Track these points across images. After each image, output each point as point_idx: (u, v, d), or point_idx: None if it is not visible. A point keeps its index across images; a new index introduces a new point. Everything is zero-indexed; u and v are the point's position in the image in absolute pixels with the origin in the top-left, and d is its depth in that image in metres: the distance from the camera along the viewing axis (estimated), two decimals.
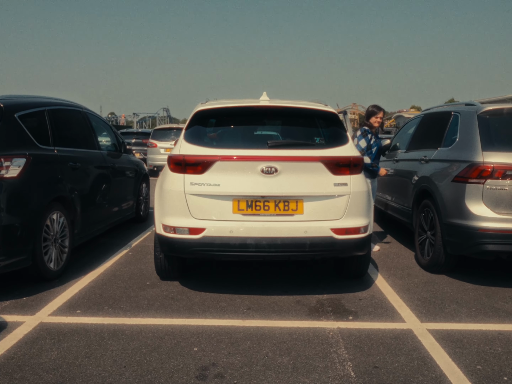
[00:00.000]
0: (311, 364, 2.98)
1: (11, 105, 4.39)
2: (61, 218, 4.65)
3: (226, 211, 3.85)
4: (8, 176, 3.96)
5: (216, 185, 3.84)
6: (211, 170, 3.87)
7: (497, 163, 4.28)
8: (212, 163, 3.87)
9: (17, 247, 4.01)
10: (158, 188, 4.20)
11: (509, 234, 4.23)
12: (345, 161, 3.97)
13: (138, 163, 7.55)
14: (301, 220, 3.86)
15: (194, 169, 3.90)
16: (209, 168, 3.87)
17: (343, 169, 3.96)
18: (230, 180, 3.85)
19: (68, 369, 2.88)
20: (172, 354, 3.09)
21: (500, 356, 3.13)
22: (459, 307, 4.00)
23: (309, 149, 4.06)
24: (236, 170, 3.87)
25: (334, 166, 3.93)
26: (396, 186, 6.38)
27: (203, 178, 3.87)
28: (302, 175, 3.88)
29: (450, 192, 4.59)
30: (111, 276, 4.71)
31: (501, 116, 4.70)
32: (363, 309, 3.92)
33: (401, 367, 2.95)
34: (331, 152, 3.98)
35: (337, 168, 3.94)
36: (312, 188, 3.88)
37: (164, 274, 4.52)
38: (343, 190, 3.93)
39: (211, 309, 3.88)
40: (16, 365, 2.91)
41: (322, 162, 3.92)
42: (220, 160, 3.87)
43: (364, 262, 4.46)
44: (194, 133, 4.19)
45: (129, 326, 3.52)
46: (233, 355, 3.08)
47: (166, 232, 3.97)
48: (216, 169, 3.87)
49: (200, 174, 3.88)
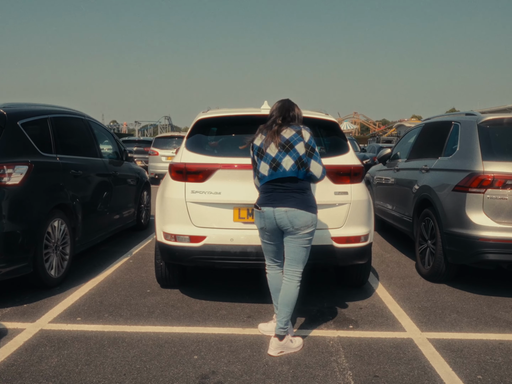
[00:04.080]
0: (311, 373, 2.97)
1: (14, 113, 4.42)
2: (62, 225, 4.66)
3: (226, 219, 3.87)
4: (10, 183, 3.98)
5: (217, 193, 3.86)
6: (212, 178, 3.89)
7: (497, 172, 4.30)
8: (213, 171, 3.89)
9: (18, 254, 4.02)
10: (159, 196, 4.22)
11: (510, 243, 4.23)
12: (345, 170, 3.98)
13: (140, 171, 7.57)
14: None
15: (195, 177, 3.92)
16: (210, 176, 3.89)
17: (344, 178, 3.97)
18: (231, 188, 3.86)
19: (68, 377, 2.87)
20: (172, 362, 3.09)
21: (501, 366, 3.12)
22: (459, 317, 3.99)
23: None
24: (237, 178, 3.88)
25: (335, 175, 3.93)
26: (397, 195, 6.39)
27: (204, 186, 3.89)
28: None
29: (451, 201, 4.60)
30: (112, 284, 4.71)
31: (501, 125, 4.73)
32: (363, 318, 3.92)
33: (401, 377, 2.94)
34: (332, 161, 3.99)
35: (337, 177, 3.94)
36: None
37: (164, 282, 4.52)
38: (343, 199, 3.93)
39: (211, 317, 3.88)
40: (16, 372, 2.91)
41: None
42: (221, 168, 3.89)
43: (364, 271, 4.47)
44: (195, 142, 4.21)
45: (129, 333, 3.52)
46: (233, 363, 3.08)
47: (166, 240, 3.98)
48: (217, 178, 3.89)
49: (201, 182, 3.90)
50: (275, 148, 3.13)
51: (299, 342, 3.32)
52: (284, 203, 3.10)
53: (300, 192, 3.12)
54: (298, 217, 3.08)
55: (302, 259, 3.22)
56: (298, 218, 3.09)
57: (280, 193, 3.13)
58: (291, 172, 3.09)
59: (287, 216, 3.09)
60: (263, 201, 3.19)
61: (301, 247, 3.18)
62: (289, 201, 3.10)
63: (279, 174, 3.11)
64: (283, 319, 3.20)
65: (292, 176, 3.10)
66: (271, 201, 3.15)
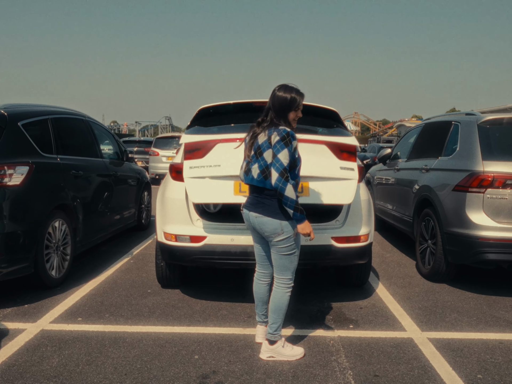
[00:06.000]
0: (312, 373, 2.98)
1: (15, 113, 4.43)
2: (63, 226, 4.67)
3: (227, 192, 3.71)
4: (11, 184, 3.99)
5: (217, 166, 3.71)
6: (212, 152, 3.77)
7: (497, 172, 4.30)
8: (212, 146, 3.78)
9: (19, 255, 4.03)
10: (160, 196, 4.23)
11: (510, 243, 4.24)
12: (350, 148, 3.86)
13: (140, 171, 7.58)
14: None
15: (194, 154, 3.78)
16: (209, 151, 3.77)
17: (349, 156, 3.84)
18: (232, 161, 3.64)
19: (69, 377, 2.88)
20: (173, 362, 3.09)
21: (501, 365, 3.13)
22: (459, 316, 4.00)
23: (313, 135, 4.01)
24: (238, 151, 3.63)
25: (340, 152, 3.82)
26: (397, 195, 6.40)
27: (203, 161, 3.74)
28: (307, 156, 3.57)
29: (451, 201, 4.61)
30: (113, 284, 4.72)
31: (501, 125, 4.73)
32: (363, 318, 3.92)
33: (402, 376, 2.95)
34: (335, 139, 3.91)
35: (342, 154, 3.83)
36: (318, 169, 3.73)
37: (165, 282, 4.53)
38: (350, 175, 3.77)
39: (212, 317, 3.89)
40: (17, 372, 2.92)
41: (327, 145, 3.82)
42: (221, 142, 3.78)
43: (365, 270, 4.47)
44: (195, 128, 4.25)
45: (130, 333, 3.53)
46: (234, 363, 3.08)
47: (167, 240, 3.98)
48: (216, 152, 3.76)
49: (201, 158, 3.76)
50: (248, 152, 3.03)
51: (297, 351, 3.18)
52: (255, 209, 3.00)
53: (270, 198, 2.94)
54: (265, 224, 2.94)
55: (286, 266, 3.03)
56: (265, 225, 2.95)
57: (254, 197, 3.04)
58: (257, 182, 2.94)
59: (257, 223, 2.99)
60: (245, 203, 3.14)
61: (280, 255, 3.00)
62: (259, 207, 2.98)
63: (248, 179, 3.02)
64: (272, 325, 3.11)
65: (258, 185, 2.95)
66: (248, 204, 3.08)
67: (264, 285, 3.27)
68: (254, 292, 3.32)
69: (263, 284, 3.27)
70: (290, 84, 3.03)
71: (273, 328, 3.12)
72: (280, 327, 3.14)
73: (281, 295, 3.09)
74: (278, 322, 3.12)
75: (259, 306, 3.31)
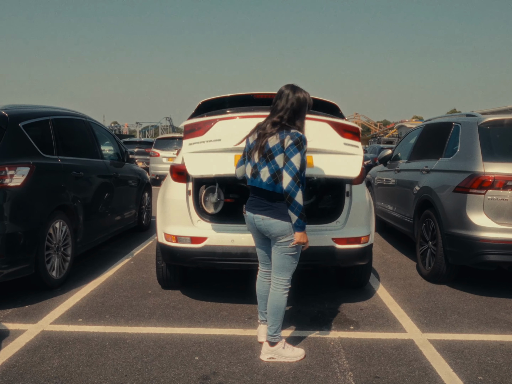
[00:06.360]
0: (312, 374, 2.97)
1: (15, 114, 4.43)
2: (63, 226, 4.67)
3: (227, 165, 3.65)
4: (12, 185, 3.99)
5: (217, 141, 3.69)
6: (212, 130, 3.75)
7: (497, 173, 4.30)
8: (212, 124, 3.77)
9: (20, 256, 4.03)
10: (161, 197, 4.23)
11: (510, 244, 4.23)
12: (353, 129, 3.86)
13: (141, 172, 7.59)
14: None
15: (194, 133, 3.77)
16: (209, 129, 3.76)
17: (352, 135, 3.83)
18: (232, 135, 3.60)
19: (69, 378, 2.88)
20: (173, 363, 3.09)
21: (502, 366, 3.12)
22: (460, 318, 4.00)
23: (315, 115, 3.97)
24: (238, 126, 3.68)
25: (343, 131, 3.82)
26: (398, 196, 6.40)
27: (203, 137, 3.73)
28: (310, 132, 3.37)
29: (451, 202, 4.60)
30: (113, 285, 4.72)
31: (501, 126, 4.73)
32: (364, 319, 3.92)
33: (402, 378, 2.95)
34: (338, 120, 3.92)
35: (345, 133, 3.82)
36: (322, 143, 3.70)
37: (165, 283, 4.53)
38: (355, 151, 3.76)
39: (212, 318, 3.89)
40: (18, 373, 2.92)
41: (330, 124, 3.81)
42: (221, 120, 3.78)
43: (365, 272, 4.47)
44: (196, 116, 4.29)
45: (131, 334, 3.53)
46: (234, 364, 3.08)
47: (168, 241, 3.98)
48: (217, 128, 3.74)
49: (201, 136, 3.75)
50: (257, 155, 2.98)
51: (298, 353, 3.18)
52: (262, 211, 3.00)
53: (277, 201, 2.94)
54: (273, 225, 2.96)
55: (286, 266, 3.06)
56: (273, 226, 2.96)
57: (260, 200, 3.03)
58: (267, 186, 2.93)
59: (264, 224, 3.00)
60: (247, 205, 3.15)
61: (284, 255, 3.03)
62: (266, 210, 2.98)
63: (256, 182, 3.01)
64: (271, 327, 3.12)
65: (267, 189, 2.94)
66: (252, 207, 3.08)
67: (268, 283, 3.29)
68: (257, 290, 3.35)
69: (266, 282, 3.30)
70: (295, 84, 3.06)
71: (272, 330, 3.13)
72: (279, 329, 3.15)
73: (278, 297, 3.10)
74: (277, 324, 3.13)
75: (261, 304, 3.33)
